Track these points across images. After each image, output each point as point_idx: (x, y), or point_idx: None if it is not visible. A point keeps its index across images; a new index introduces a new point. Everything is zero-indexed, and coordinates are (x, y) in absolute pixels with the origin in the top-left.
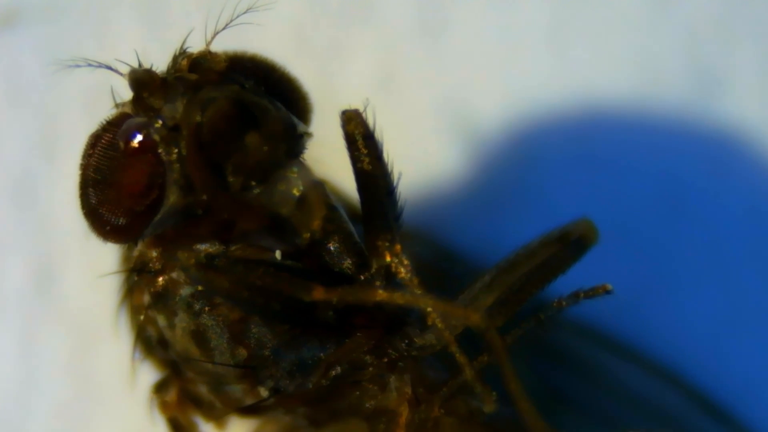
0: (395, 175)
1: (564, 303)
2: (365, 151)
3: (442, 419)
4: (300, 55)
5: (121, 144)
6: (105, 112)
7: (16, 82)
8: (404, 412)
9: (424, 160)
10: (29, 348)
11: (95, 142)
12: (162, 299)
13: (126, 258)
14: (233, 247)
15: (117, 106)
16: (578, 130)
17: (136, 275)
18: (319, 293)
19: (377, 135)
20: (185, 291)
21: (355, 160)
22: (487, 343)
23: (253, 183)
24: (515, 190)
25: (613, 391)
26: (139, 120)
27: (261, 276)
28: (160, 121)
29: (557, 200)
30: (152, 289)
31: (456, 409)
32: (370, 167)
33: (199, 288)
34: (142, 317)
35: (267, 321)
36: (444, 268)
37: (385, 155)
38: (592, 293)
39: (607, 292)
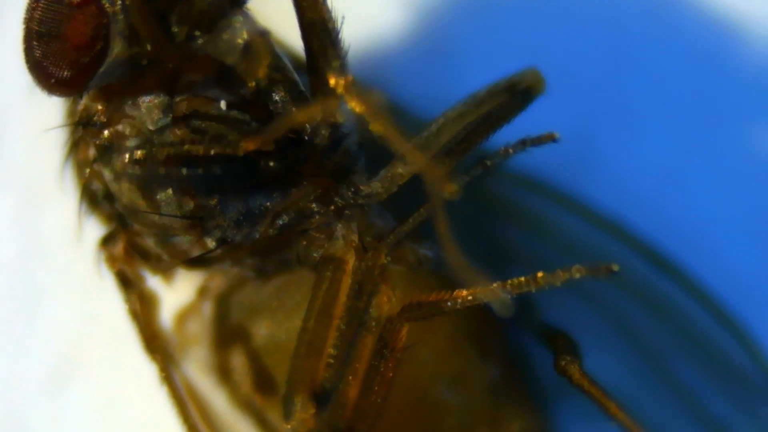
0: (339, 19)
1: (511, 150)
2: None
3: (389, 267)
4: None
5: None
6: None
7: None
8: (351, 260)
9: (367, 10)
10: None
11: None
12: (108, 152)
13: (71, 112)
14: (178, 99)
15: None
16: None
17: (81, 129)
18: (248, 144)
19: None
20: (131, 143)
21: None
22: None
23: (198, 32)
24: (461, 39)
25: (557, 243)
26: None
27: (190, 150)
28: None
29: (502, 49)
30: (98, 143)
31: (403, 256)
32: (314, 9)
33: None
34: (87, 171)
35: (213, 183)
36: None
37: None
38: (538, 141)
39: (554, 140)
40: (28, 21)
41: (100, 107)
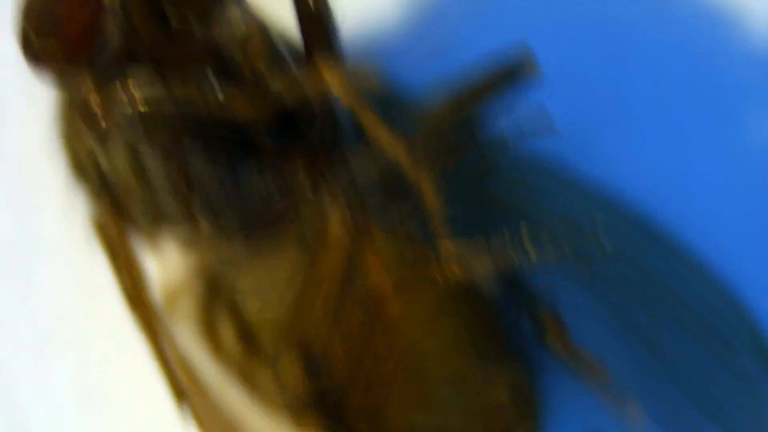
0: (337, 15)
1: (508, 141)
2: None
3: (380, 243)
4: None
5: None
6: None
7: None
8: (342, 237)
9: (367, 11)
10: None
11: None
12: (102, 138)
13: (67, 101)
14: None
15: None
16: None
17: (77, 118)
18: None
19: None
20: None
21: None
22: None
23: (195, 23)
24: (461, 39)
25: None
26: None
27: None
28: None
29: (502, 48)
30: (94, 132)
31: (395, 232)
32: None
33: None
34: (82, 156)
35: (206, 153)
36: (389, 113)
37: None
38: (536, 131)
39: (552, 130)
40: (24, 11)
41: (95, 96)
